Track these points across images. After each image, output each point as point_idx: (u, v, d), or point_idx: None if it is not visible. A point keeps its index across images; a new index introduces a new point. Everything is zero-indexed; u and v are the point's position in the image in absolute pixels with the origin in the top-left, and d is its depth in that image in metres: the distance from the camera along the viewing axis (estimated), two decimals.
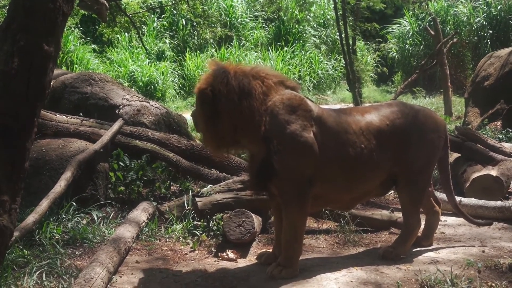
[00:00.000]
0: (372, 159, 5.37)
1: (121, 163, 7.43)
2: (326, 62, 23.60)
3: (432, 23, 17.90)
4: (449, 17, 22.87)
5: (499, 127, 10.53)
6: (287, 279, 5.01)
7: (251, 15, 25.47)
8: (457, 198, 7.13)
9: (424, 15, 22.87)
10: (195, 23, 20.40)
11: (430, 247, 5.88)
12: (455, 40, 17.67)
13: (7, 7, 4.20)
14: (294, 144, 5.10)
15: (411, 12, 23.57)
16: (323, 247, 5.97)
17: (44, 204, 5.89)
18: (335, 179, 5.31)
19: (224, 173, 7.73)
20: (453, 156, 8.60)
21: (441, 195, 7.27)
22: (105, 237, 5.94)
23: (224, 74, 5.16)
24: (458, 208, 6.18)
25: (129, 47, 22.16)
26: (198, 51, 22.30)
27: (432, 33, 16.90)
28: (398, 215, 6.55)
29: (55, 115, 7.77)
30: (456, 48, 21.12)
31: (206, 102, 5.13)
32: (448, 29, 21.92)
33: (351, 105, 16.34)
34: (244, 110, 5.10)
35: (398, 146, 5.48)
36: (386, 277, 5.06)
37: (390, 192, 7.92)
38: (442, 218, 6.96)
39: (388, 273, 5.15)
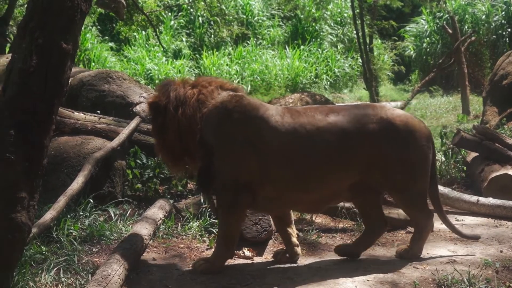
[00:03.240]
0: (332, 161, 5.18)
1: (138, 161, 7.45)
2: (342, 60, 23.52)
3: (450, 21, 17.79)
4: (467, 15, 22.72)
5: None
6: (206, 274, 5.14)
7: (268, 14, 25.45)
8: (475, 198, 7.11)
9: (441, 13, 22.75)
10: (212, 22, 20.43)
11: (447, 247, 5.85)
12: (473, 38, 17.57)
13: (26, 6, 4.22)
14: (225, 149, 5.16)
15: (428, 11, 23.45)
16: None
17: (61, 201, 5.92)
18: (287, 180, 5.17)
19: None
20: (471, 155, 8.56)
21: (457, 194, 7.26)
22: (122, 234, 5.96)
23: (166, 87, 5.43)
24: (444, 217, 5.84)
25: (146, 45, 22.21)
26: (214, 49, 22.31)
27: (450, 31, 16.81)
28: None
29: (73, 112, 7.80)
30: (474, 46, 20.99)
31: (153, 116, 5.44)
32: (466, 27, 21.78)
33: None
34: (181, 119, 5.24)
35: (372, 150, 5.23)
36: (403, 277, 5.04)
37: None
38: (460, 217, 6.93)
39: (405, 273, 5.13)
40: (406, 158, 5.32)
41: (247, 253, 5.67)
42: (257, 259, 5.62)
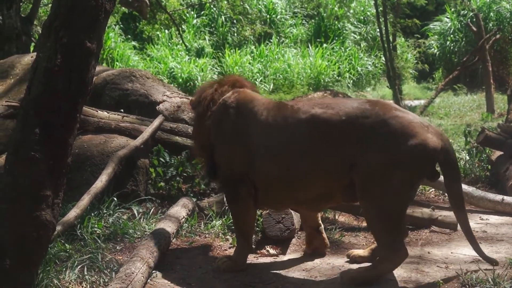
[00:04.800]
0: (312, 157, 4.90)
1: (161, 159, 7.47)
2: (366, 58, 23.40)
3: (474, 19, 17.64)
4: (491, 13, 22.51)
5: None
6: (228, 272, 5.18)
7: (291, 12, 25.42)
8: (500, 197, 7.05)
9: (466, 11, 22.56)
10: (235, 20, 20.47)
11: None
12: (497, 36, 17.40)
13: (50, 5, 4.25)
14: (220, 142, 5.37)
15: (452, 9, 23.28)
16: (363, 244, 5.93)
17: (85, 199, 5.97)
18: (273, 175, 5.10)
19: None
20: (496, 154, 8.49)
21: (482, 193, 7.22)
22: (146, 232, 5.99)
23: (203, 88, 5.81)
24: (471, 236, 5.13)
25: (169, 44, 22.27)
26: (237, 48, 22.33)
27: (474, 29, 16.67)
28: (440, 213, 6.49)
29: (97, 111, 7.84)
30: (499, 44, 20.78)
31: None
32: (490, 25, 21.56)
33: (391, 102, 16.20)
34: (198, 117, 5.65)
35: (355, 150, 4.77)
36: (427, 276, 5.02)
37: (430, 190, 7.85)
38: (484, 216, 6.88)
39: (429, 272, 5.11)
40: (389, 167, 4.67)
41: (271, 251, 5.68)
42: (280, 258, 5.62)
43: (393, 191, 4.69)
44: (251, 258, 5.54)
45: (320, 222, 5.63)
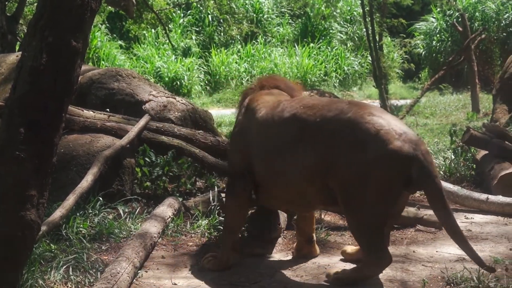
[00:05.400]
0: (288, 156, 4.89)
1: (147, 159, 7.46)
2: (352, 58, 23.48)
3: (459, 19, 17.72)
4: (477, 13, 22.64)
5: None
6: (214, 271, 5.22)
7: (277, 12, 25.45)
8: (484, 196, 7.09)
9: (451, 11, 22.66)
10: (221, 20, 20.45)
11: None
12: (483, 36, 17.48)
13: (36, 4, 4.23)
14: (232, 139, 5.73)
15: (438, 9, 23.38)
16: (349, 243, 5.95)
17: (71, 199, 5.95)
18: (262, 174, 5.16)
19: None
20: (481, 153, 8.53)
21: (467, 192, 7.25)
22: (131, 232, 5.98)
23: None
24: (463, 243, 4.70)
25: (156, 43, 22.24)
26: (223, 47, 22.33)
27: (460, 29, 16.74)
28: (425, 212, 6.52)
29: (82, 110, 7.81)
30: (484, 44, 20.90)
31: None
32: (476, 25, 21.68)
33: (377, 102, 16.27)
34: None
35: (329, 152, 4.68)
36: (412, 275, 5.04)
37: None
38: (469, 215, 6.92)
39: (414, 271, 5.13)
40: (361, 174, 4.55)
41: (257, 250, 5.68)
42: (266, 257, 5.62)
43: (369, 200, 4.56)
44: (237, 258, 5.55)
45: (313, 232, 5.63)
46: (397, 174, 4.51)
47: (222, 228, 5.65)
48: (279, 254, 5.71)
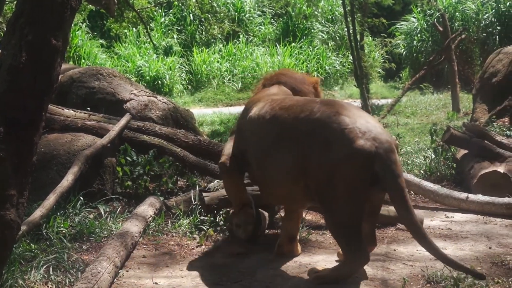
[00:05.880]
0: (271, 156, 5.03)
1: (128, 158, 7.44)
2: (333, 57, 23.53)
3: (440, 19, 17.81)
4: (457, 13, 22.76)
5: (507, 123, 10.49)
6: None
7: (259, 11, 25.45)
8: (464, 195, 7.13)
9: (432, 11, 22.78)
10: (203, 19, 20.42)
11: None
12: (463, 36, 17.59)
13: (16, 2, 4.20)
14: (234, 131, 5.98)
15: (419, 9, 23.49)
16: (330, 242, 5.96)
17: (51, 198, 5.92)
18: (256, 170, 5.35)
19: None
20: (461, 152, 8.58)
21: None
22: (112, 232, 5.96)
23: None
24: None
25: (137, 42, 22.18)
26: (205, 46, 22.31)
27: (440, 29, 16.83)
28: None
29: (63, 109, 7.78)
30: (464, 44, 21.03)
31: None
32: (456, 25, 21.80)
33: (359, 101, 16.32)
34: None
35: (302, 151, 4.77)
36: (393, 273, 5.06)
37: None
38: (449, 214, 6.96)
39: (395, 269, 5.16)
40: (329, 172, 4.59)
41: (238, 249, 5.68)
42: (248, 256, 5.62)
43: (339, 198, 4.60)
44: (219, 257, 5.55)
45: (297, 231, 5.65)
46: (361, 172, 4.55)
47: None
48: (260, 253, 5.70)
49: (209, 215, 6.33)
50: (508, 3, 21.53)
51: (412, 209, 4.61)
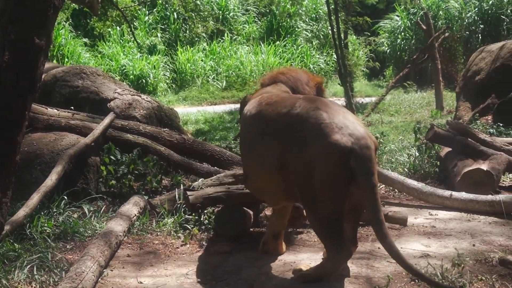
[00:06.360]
0: (257, 152, 5.09)
1: (112, 157, 7.41)
2: (318, 56, 23.60)
3: (423, 17, 17.90)
4: (440, 11, 22.89)
5: (490, 121, 10.56)
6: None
7: (243, 9, 25.46)
8: (448, 192, 7.16)
9: (415, 9, 22.88)
10: (187, 17, 20.39)
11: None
12: (446, 34, 17.69)
13: None
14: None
15: (402, 7, 23.58)
16: (315, 241, 5.97)
17: (35, 198, 5.89)
18: (245, 165, 5.55)
19: (215, 167, 7.72)
20: (444, 150, 8.62)
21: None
22: (96, 231, 5.94)
23: None
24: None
25: (121, 41, 22.12)
26: (189, 45, 22.28)
27: (424, 27, 16.92)
28: (390, 209, 6.58)
29: (46, 108, 7.74)
30: (448, 42, 21.14)
31: None
32: (439, 23, 21.94)
33: (343, 99, 16.37)
34: None
35: (282, 147, 4.79)
36: (377, 271, 5.08)
37: (381, 186, 7.92)
38: (433, 212, 6.99)
39: (379, 267, 5.17)
40: (307, 168, 4.60)
41: (222, 248, 5.67)
42: (232, 255, 5.62)
43: (317, 194, 4.59)
44: (203, 256, 5.55)
45: (283, 230, 5.63)
46: (337, 167, 4.53)
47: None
48: (245, 251, 5.70)
49: (193, 214, 6.32)
50: (490, 2, 21.66)
51: (380, 208, 4.60)
